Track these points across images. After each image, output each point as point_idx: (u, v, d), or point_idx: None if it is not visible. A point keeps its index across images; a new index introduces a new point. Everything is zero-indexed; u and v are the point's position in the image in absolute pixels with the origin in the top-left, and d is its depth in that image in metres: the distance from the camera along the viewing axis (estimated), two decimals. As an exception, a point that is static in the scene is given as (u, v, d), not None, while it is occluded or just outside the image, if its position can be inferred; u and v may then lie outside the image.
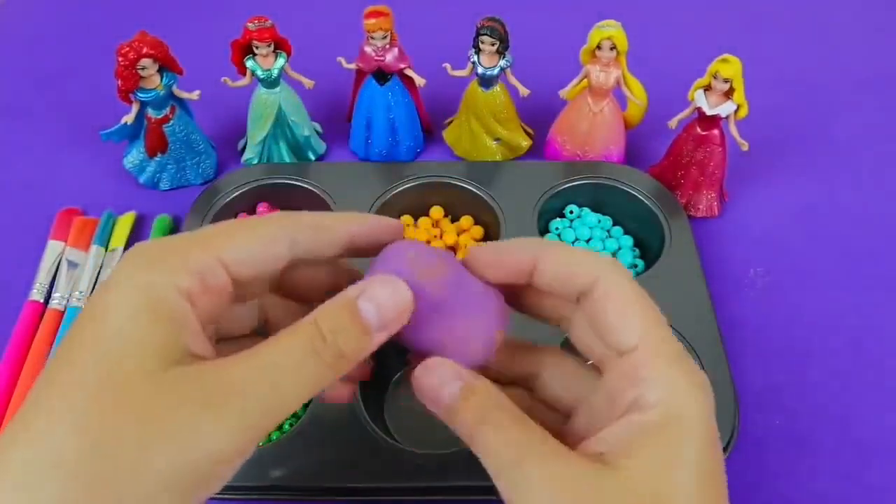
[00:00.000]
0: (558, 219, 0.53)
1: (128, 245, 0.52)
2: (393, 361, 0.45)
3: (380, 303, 0.23)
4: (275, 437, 0.42)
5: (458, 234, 0.52)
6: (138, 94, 0.51)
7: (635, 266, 0.50)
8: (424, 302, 0.24)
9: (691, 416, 0.23)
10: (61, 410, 0.20)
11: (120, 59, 0.49)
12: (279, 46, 0.52)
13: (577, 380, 0.27)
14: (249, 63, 0.52)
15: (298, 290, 0.28)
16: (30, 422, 0.20)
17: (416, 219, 0.53)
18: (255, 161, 0.56)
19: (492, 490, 0.24)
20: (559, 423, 0.27)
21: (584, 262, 0.25)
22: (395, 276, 0.24)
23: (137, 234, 0.53)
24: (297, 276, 0.27)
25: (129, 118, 0.52)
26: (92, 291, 0.49)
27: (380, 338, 0.24)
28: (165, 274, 0.22)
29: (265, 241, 0.24)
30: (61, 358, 0.21)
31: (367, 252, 0.27)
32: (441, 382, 0.24)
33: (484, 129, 0.56)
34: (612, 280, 0.25)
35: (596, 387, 0.26)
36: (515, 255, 0.26)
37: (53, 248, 0.51)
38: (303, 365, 0.22)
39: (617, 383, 0.24)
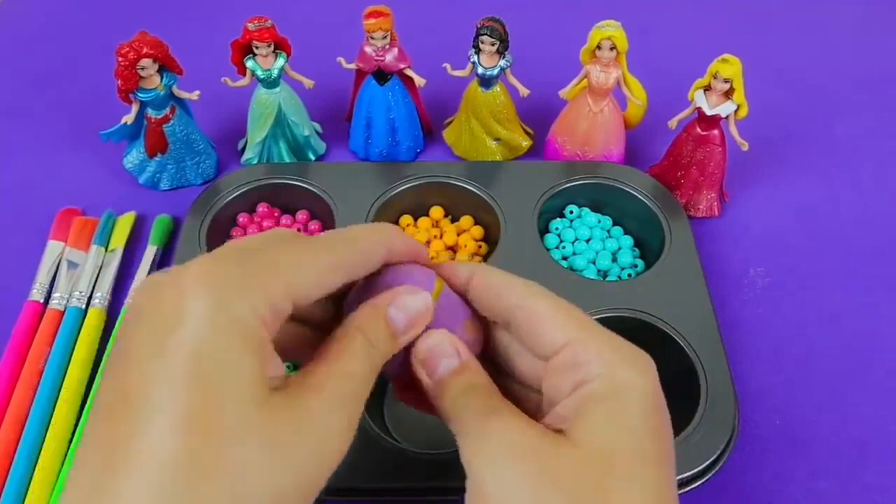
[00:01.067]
0: (558, 219, 0.53)
1: (128, 245, 0.52)
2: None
3: (408, 311, 0.26)
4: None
5: (458, 234, 0.52)
6: (138, 94, 0.51)
7: (635, 266, 0.50)
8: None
9: (634, 385, 0.24)
10: (168, 440, 0.19)
11: (120, 59, 0.49)
12: (279, 46, 0.52)
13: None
14: (249, 63, 0.52)
15: None
16: (135, 452, 0.19)
17: (416, 219, 0.53)
18: (255, 161, 0.56)
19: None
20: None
21: (508, 284, 0.27)
22: (420, 287, 0.27)
23: (137, 234, 0.53)
24: None
25: (129, 118, 0.52)
26: (92, 292, 0.49)
27: (404, 341, 0.26)
28: (247, 304, 0.22)
29: (327, 273, 0.25)
30: (146, 396, 0.20)
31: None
32: (441, 354, 0.26)
33: (484, 129, 0.56)
34: (535, 297, 0.27)
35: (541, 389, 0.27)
36: (455, 272, 0.28)
37: (53, 248, 0.51)
38: (368, 377, 0.25)
39: (557, 376, 0.26)
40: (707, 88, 0.50)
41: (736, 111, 0.49)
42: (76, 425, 0.42)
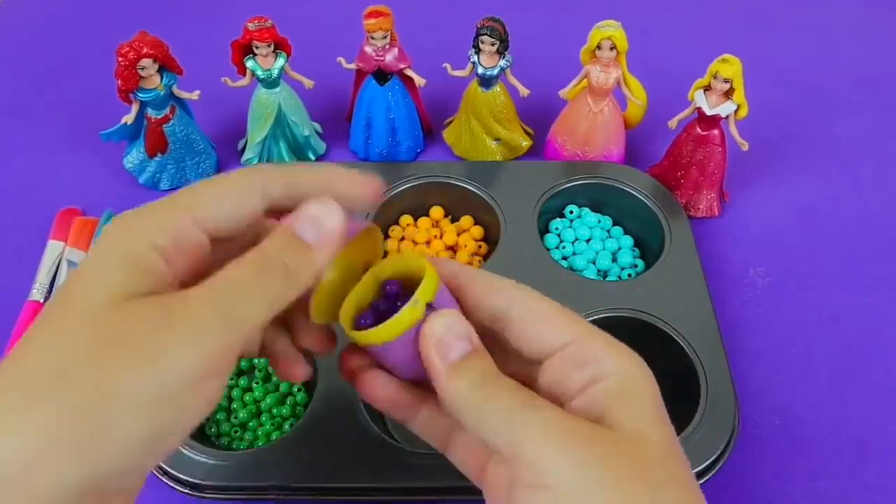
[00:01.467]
0: (558, 219, 0.53)
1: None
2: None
3: (315, 221, 0.25)
4: (275, 438, 0.42)
5: (458, 234, 0.52)
6: (138, 94, 0.51)
7: (635, 266, 0.50)
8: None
9: (643, 379, 0.25)
10: (45, 342, 0.21)
11: (120, 59, 0.49)
12: (279, 46, 0.52)
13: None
14: (249, 63, 0.52)
15: None
16: (19, 355, 0.22)
17: (416, 219, 0.53)
18: (255, 161, 0.56)
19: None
20: None
21: (498, 282, 0.27)
22: (331, 199, 0.26)
23: (137, 234, 0.53)
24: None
25: (129, 118, 0.52)
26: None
27: (322, 254, 0.25)
28: (141, 236, 0.23)
29: (234, 193, 0.25)
30: (48, 308, 0.23)
31: None
32: (456, 336, 0.25)
33: (484, 129, 0.56)
34: (528, 296, 0.27)
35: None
36: (446, 273, 0.28)
37: (53, 248, 0.51)
38: (255, 280, 0.23)
39: (561, 374, 0.25)
40: (707, 88, 0.50)
41: (736, 111, 0.49)
42: (76, 425, 0.42)
